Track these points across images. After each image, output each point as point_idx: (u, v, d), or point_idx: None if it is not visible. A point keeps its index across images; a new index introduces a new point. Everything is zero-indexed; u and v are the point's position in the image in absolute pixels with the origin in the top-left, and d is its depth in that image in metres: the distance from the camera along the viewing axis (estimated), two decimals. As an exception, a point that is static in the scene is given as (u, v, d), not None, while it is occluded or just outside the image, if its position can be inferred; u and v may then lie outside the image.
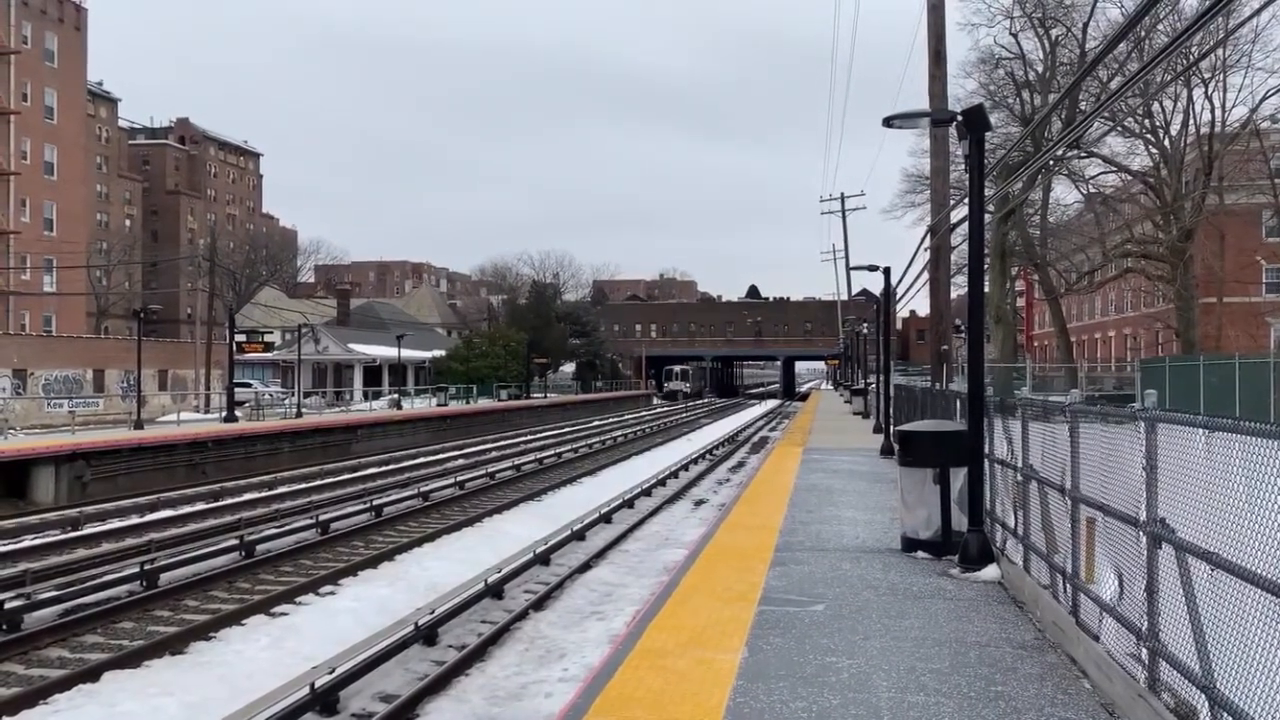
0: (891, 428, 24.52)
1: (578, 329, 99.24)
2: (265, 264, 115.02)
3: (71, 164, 63.24)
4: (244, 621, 12.41)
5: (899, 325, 77.49)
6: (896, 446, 12.88)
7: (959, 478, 10.70)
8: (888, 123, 11.38)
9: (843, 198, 70.65)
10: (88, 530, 19.52)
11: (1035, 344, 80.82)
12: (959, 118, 10.75)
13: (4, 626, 11.85)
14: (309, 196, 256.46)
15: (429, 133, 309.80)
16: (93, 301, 77.23)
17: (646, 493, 24.58)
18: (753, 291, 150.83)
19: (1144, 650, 5.65)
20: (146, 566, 14.54)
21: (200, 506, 23.01)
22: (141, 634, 12.08)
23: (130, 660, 10.64)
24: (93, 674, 10.12)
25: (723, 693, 6.19)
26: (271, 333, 64.52)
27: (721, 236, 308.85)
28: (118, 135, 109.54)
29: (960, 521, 10.62)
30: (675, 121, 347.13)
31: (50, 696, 9.52)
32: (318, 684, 8.87)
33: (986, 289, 21.17)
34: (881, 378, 29.23)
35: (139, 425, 33.41)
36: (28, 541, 18.27)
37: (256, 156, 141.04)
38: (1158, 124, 39.94)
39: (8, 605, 12.12)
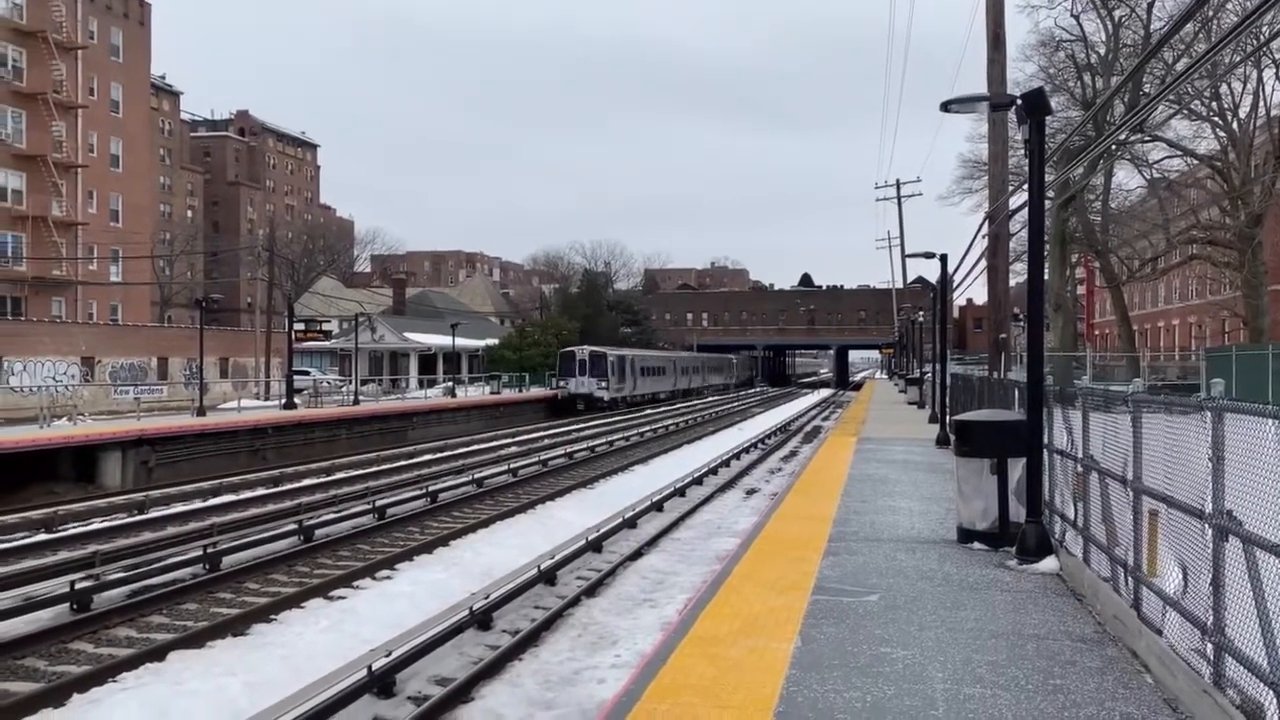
0: (948, 417, 24.22)
1: (629, 318, 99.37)
2: (323, 254, 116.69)
3: (136, 156, 64.74)
4: (303, 604, 12.66)
5: (955, 313, 76.00)
6: (953, 436, 12.73)
7: (1017, 468, 10.54)
8: (945, 107, 11.21)
9: (898, 184, 69.75)
10: (153, 514, 20.06)
11: (1096, 333, 79.19)
12: (1018, 102, 10.54)
13: (75, 606, 12.23)
14: (365, 188, 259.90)
15: (483, 124, 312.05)
16: (157, 291, 79.09)
17: (698, 481, 24.56)
18: (805, 280, 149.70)
19: (1209, 645, 5.52)
20: (209, 550, 14.90)
21: (261, 492, 23.50)
22: (205, 615, 12.39)
23: (195, 640, 10.92)
24: (159, 653, 10.40)
25: (776, 681, 6.18)
26: (329, 321, 65.45)
27: (774, 225, 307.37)
28: (180, 128, 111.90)
29: (1018, 512, 10.47)
30: (727, 110, 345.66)
31: (119, 675, 9.80)
32: (375, 667, 9.02)
33: (1046, 276, 20.76)
34: (937, 367, 28.85)
35: (201, 412, 34.15)
36: (96, 524, 18.84)
37: (314, 148, 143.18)
38: (1226, 106, 38.78)
39: (78, 586, 12.50)
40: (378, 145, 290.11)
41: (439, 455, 32.15)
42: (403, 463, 29.87)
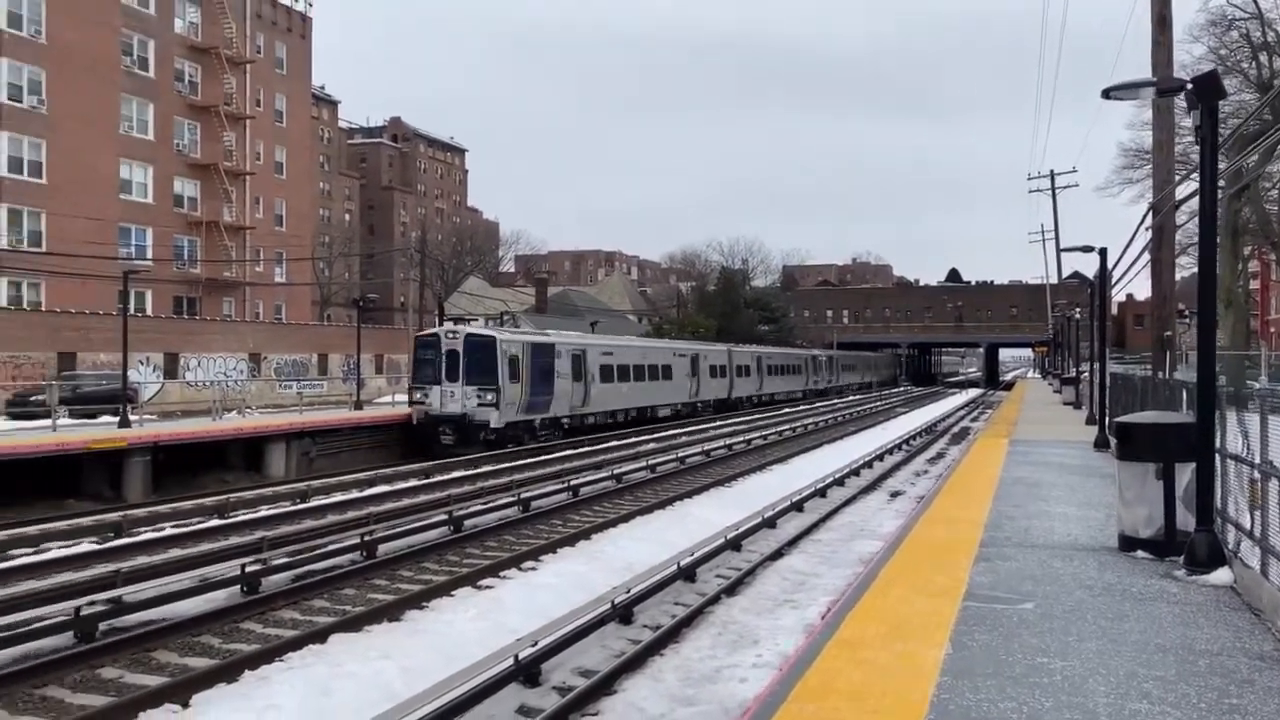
0: (1107, 419, 23.09)
1: (766, 315, 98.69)
2: (470, 255, 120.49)
3: (299, 164, 68.28)
4: (453, 593, 13.09)
5: (1115, 310, 71.88)
6: (1114, 439, 12.13)
7: (1185, 473, 9.94)
8: (1107, 94, 10.65)
9: (1052, 175, 66.66)
10: (314, 503, 21.12)
11: (1272, 330, 73.94)
12: (1188, 86, 9.92)
13: (245, 589, 13.00)
14: (509, 189, 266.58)
15: (621, 122, 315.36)
16: (317, 291, 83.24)
17: (839, 482, 24.16)
18: (953, 275, 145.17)
19: None
20: (366, 538, 15.57)
21: (413, 483, 24.42)
22: (363, 601, 12.95)
23: (353, 625, 11.44)
24: (321, 636, 10.94)
25: (926, 688, 6.02)
26: (476, 319, 67.45)
27: (919, 219, 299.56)
28: (338, 135, 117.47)
29: (1186, 520, 9.87)
30: (869, 102, 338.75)
31: (285, 654, 10.36)
32: (521, 656, 9.24)
33: (1217, 270, 19.51)
34: (1096, 365, 27.52)
35: (358, 406, 35.75)
36: (264, 511, 19.98)
37: (462, 152, 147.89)
38: None
39: (248, 570, 13.28)
40: (521, 147, 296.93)
41: (579, 450, 32.67)
42: (545, 457, 30.49)
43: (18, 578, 13.75)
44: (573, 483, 22.45)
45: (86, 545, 16.38)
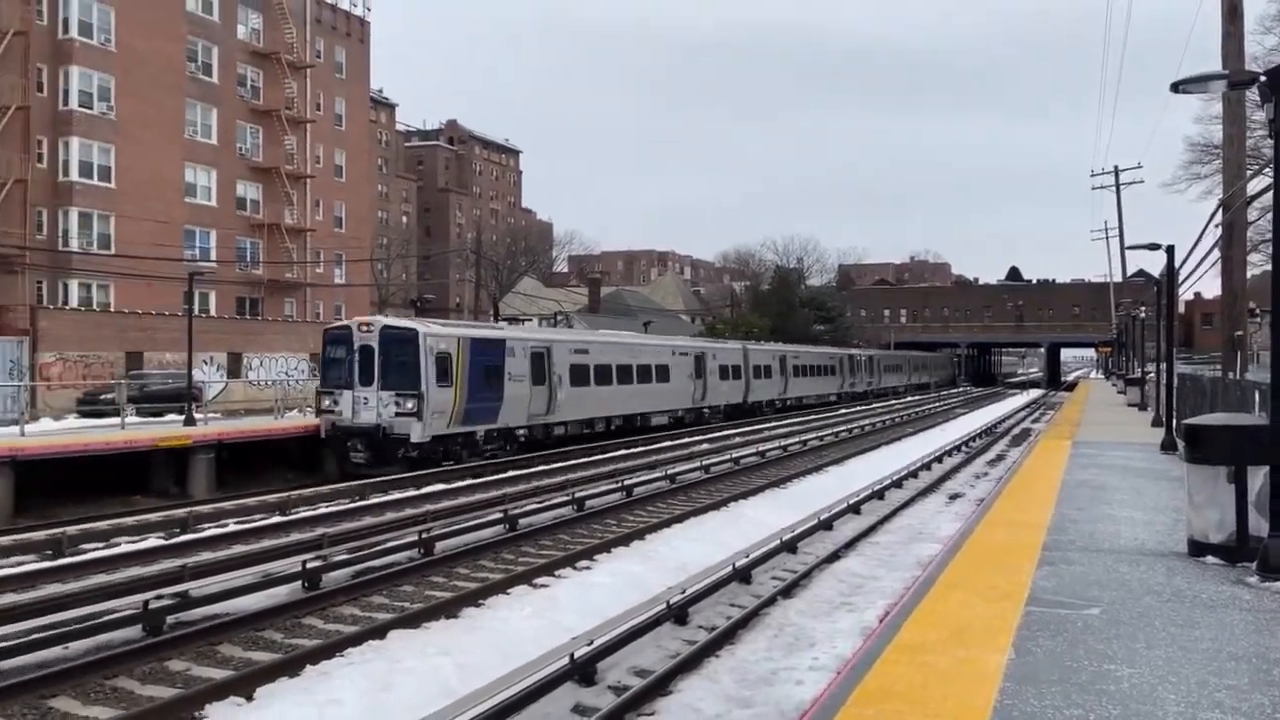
0: (1174, 421, 22.53)
1: (822, 315, 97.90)
2: (524, 256, 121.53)
3: (357, 167, 69.31)
4: (509, 591, 13.17)
5: (1182, 309, 69.78)
6: (1182, 442, 11.83)
7: (1257, 477, 9.66)
8: (1176, 88, 10.40)
9: (1116, 171, 65.38)
10: (372, 500, 21.42)
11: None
12: (1261, 78, 9.64)
13: (306, 584, 13.22)
14: (563, 190, 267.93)
15: (671, 120, 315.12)
16: (375, 292, 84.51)
17: (897, 484, 23.89)
18: (1013, 274, 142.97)
19: None
20: (424, 535, 15.75)
21: (469, 481, 24.64)
22: (420, 598, 13.10)
23: (411, 621, 11.57)
24: (380, 632, 11.08)
25: (989, 693, 5.91)
26: (530, 320, 68.05)
27: (978, 217, 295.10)
28: (395, 138, 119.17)
29: (1259, 525, 9.59)
30: (926, 98, 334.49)
31: (345, 650, 10.51)
32: (577, 655, 9.27)
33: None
34: (1162, 366, 26.86)
35: (415, 405, 36.08)
36: (323, 509, 20.31)
37: (516, 154, 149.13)
38: None
39: (309, 566, 13.50)
40: (574, 148, 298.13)
41: (633, 450, 32.73)
42: (598, 457, 30.58)
43: (90, 571, 14.15)
44: (626, 482, 22.49)
45: (154, 540, 16.81)
